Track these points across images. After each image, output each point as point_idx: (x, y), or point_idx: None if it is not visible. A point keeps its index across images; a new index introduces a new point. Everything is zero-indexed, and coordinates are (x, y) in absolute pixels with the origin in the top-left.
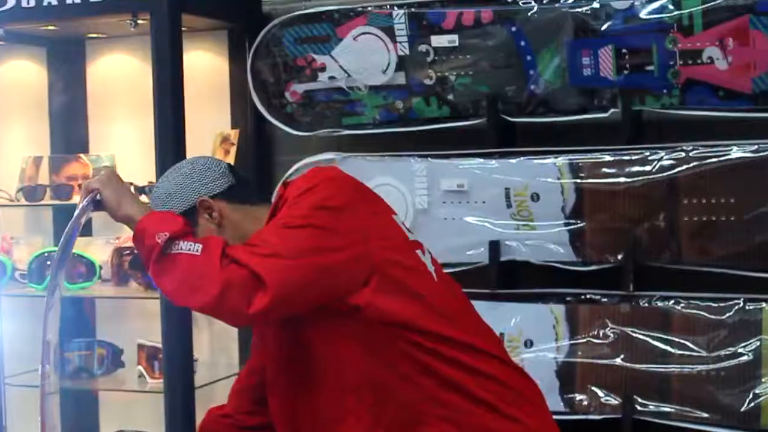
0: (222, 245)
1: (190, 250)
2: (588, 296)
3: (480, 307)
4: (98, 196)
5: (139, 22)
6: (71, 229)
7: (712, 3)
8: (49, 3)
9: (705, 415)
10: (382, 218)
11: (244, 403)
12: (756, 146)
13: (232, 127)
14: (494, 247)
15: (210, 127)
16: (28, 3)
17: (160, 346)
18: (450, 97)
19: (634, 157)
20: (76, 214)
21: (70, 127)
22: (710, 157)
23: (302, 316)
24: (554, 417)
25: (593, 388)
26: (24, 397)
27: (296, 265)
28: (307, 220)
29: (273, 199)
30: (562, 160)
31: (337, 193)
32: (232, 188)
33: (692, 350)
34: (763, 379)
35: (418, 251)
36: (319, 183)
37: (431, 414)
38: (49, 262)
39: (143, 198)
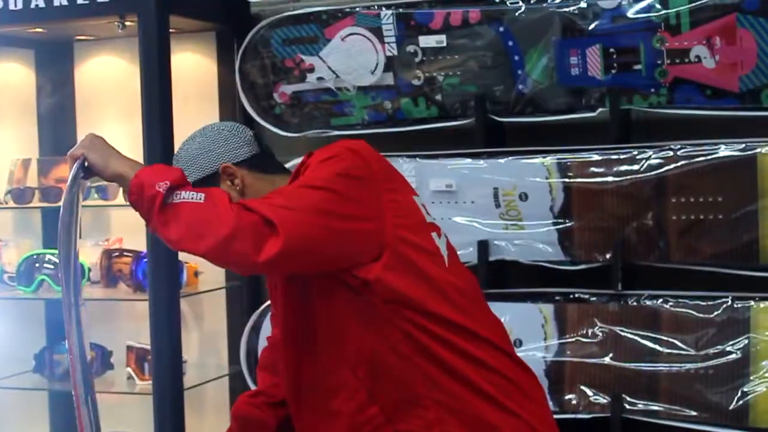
0: (226, 195)
1: (193, 198)
2: (577, 295)
3: None
4: (85, 163)
5: (127, 24)
6: (68, 202)
7: (699, 2)
8: (37, 5)
9: (694, 413)
10: (401, 195)
11: (269, 377)
12: (743, 145)
13: None
14: (483, 247)
15: (198, 128)
16: (15, 5)
17: (149, 347)
18: (438, 97)
19: (622, 157)
20: (68, 185)
21: (58, 130)
22: (698, 156)
23: (309, 287)
24: None
25: (582, 387)
26: (15, 400)
27: (309, 221)
28: (327, 183)
29: (295, 167)
30: (550, 160)
31: (360, 164)
32: (256, 157)
33: (681, 349)
34: (751, 377)
35: (434, 234)
36: (344, 152)
37: (428, 397)
38: (37, 264)
39: None
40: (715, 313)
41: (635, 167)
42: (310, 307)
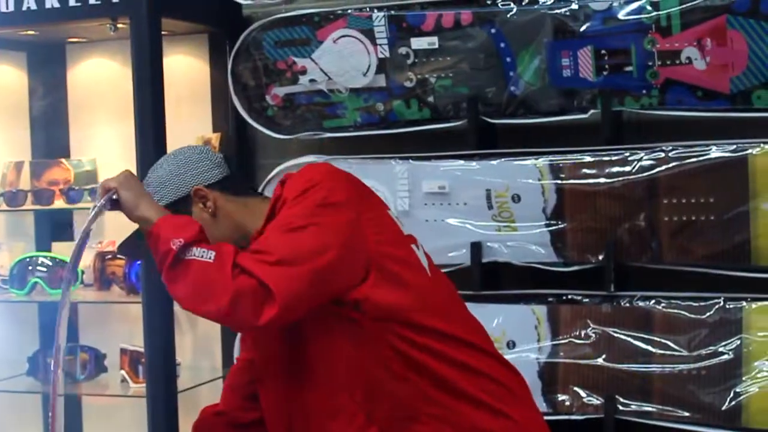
0: (234, 253)
1: (203, 257)
2: (569, 297)
3: None
4: (115, 196)
5: (119, 26)
6: (87, 230)
7: (690, 3)
8: (29, 8)
9: (686, 414)
10: (377, 211)
11: (236, 400)
12: (735, 146)
13: (214, 131)
14: (476, 248)
15: (191, 130)
16: (7, 8)
17: (142, 350)
18: (430, 99)
19: (613, 158)
20: (92, 212)
21: (51, 132)
22: (689, 157)
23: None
24: None
25: (575, 389)
26: (8, 403)
27: (302, 271)
28: (308, 219)
29: (271, 196)
30: (542, 161)
31: (336, 189)
32: (227, 179)
33: (673, 350)
34: (743, 378)
35: (413, 245)
36: (318, 181)
37: (424, 412)
38: (30, 267)
39: None
40: (708, 313)
41: (627, 168)
42: (298, 333)
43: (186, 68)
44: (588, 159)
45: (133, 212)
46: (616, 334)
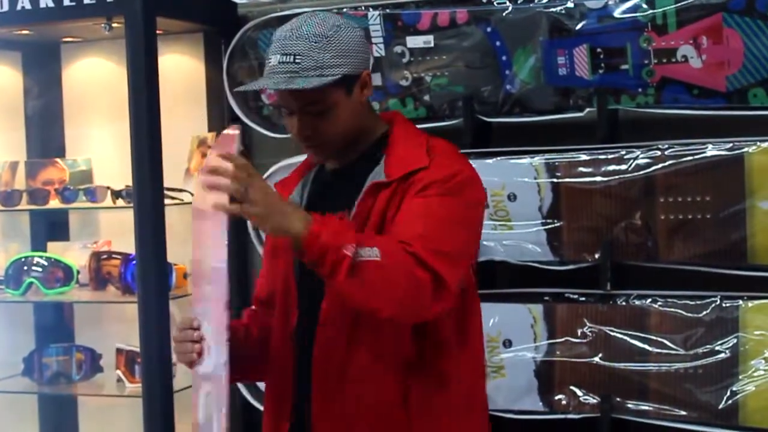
0: (398, 246)
1: (371, 256)
2: (566, 296)
3: None
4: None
5: (114, 25)
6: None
7: (686, 2)
8: (23, 7)
9: (683, 412)
10: None
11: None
12: (731, 144)
13: (209, 130)
14: None
15: (187, 130)
16: (1, 7)
17: (138, 350)
18: (426, 97)
19: (610, 156)
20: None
21: (46, 132)
22: (686, 156)
23: None
24: (533, 417)
25: (572, 388)
26: (4, 403)
27: (464, 266)
28: (466, 215)
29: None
30: (538, 160)
31: (480, 187)
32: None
33: (670, 348)
34: (740, 377)
35: None
36: (468, 174)
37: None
38: (26, 267)
39: (119, 201)
40: (704, 312)
41: (623, 167)
42: None
43: (181, 67)
44: (584, 157)
45: (280, 232)
46: (612, 333)
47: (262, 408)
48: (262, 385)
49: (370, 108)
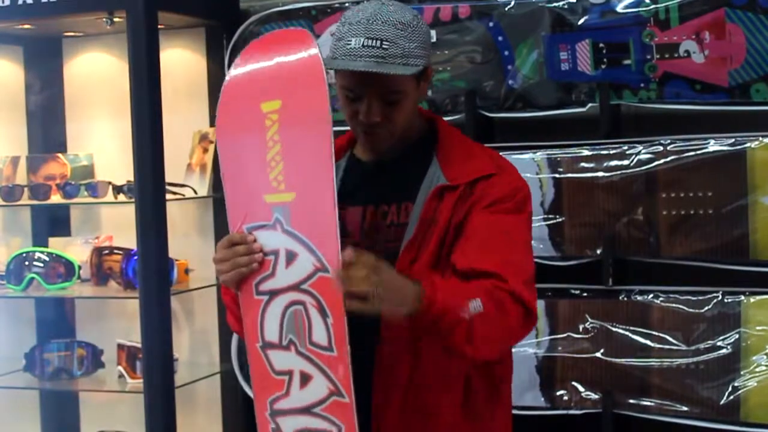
0: (493, 287)
1: (477, 309)
2: (567, 291)
3: None
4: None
5: (115, 20)
6: None
7: None
8: (25, 2)
9: (685, 408)
10: None
11: None
12: (733, 139)
13: (211, 125)
14: None
15: (188, 124)
16: (3, 2)
17: (140, 346)
18: (428, 92)
19: (612, 152)
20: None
21: (47, 127)
22: (688, 151)
23: None
24: (535, 413)
25: (574, 383)
26: (6, 399)
27: (535, 288)
28: (528, 236)
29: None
30: (540, 155)
31: (531, 219)
32: None
33: (671, 344)
34: (742, 372)
35: None
36: (526, 192)
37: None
38: (27, 263)
39: (121, 197)
40: (706, 308)
41: (625, 162)
42: None
43: (183, 62)
44: (586, 153)
45: (400, 311)
46: (614, 329)
47: None
48: None
49: (416, 112)
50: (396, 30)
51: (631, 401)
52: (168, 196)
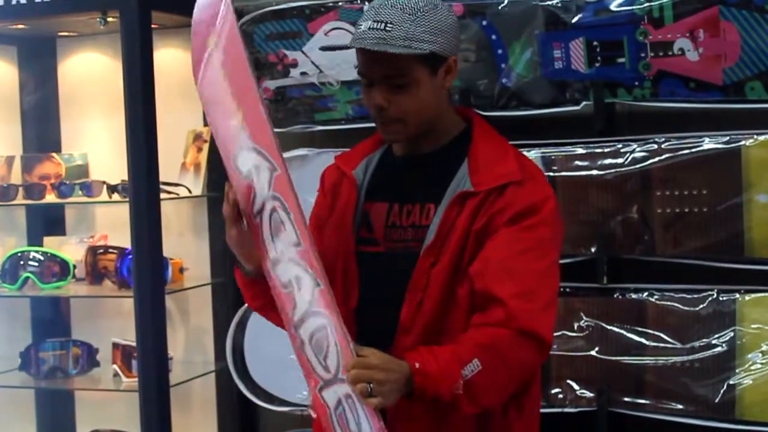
0: (494, 331)
1: (474, 370)
2: (562, 289)
3: None
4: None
5: (109, 19)
6: None
7: None
8: (18, 1)
9: (680, 406)
10: None
11: None
12: (727, 137)
13: (205, 125)
14: None
15: (182, 124)
16: None
17: (135, 344)
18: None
19: (606, 150)
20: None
21: (42, 126)
22: (682, 149)
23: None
24: None
25: (569, 381)
26: (1, 398)
27: (556, 306)
28: (553, 256)
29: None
30: (534, 154)
31: (560, 227)
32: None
33: (666, 342)
34: (737, 370)
35: None
36: (552, 205)
37: None
38: (22, 262)
39: (115, 196)
40: (701, 306)
41: (620, 160)
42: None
43: (176, 61)
44: (580, 151)
45: (397, 396)
46: (609, 327)
47: (258, 402)
48: (258, 379)
49: (450, 98)
50: (403, 14)
51: (626, 399)
52: (162, 196)
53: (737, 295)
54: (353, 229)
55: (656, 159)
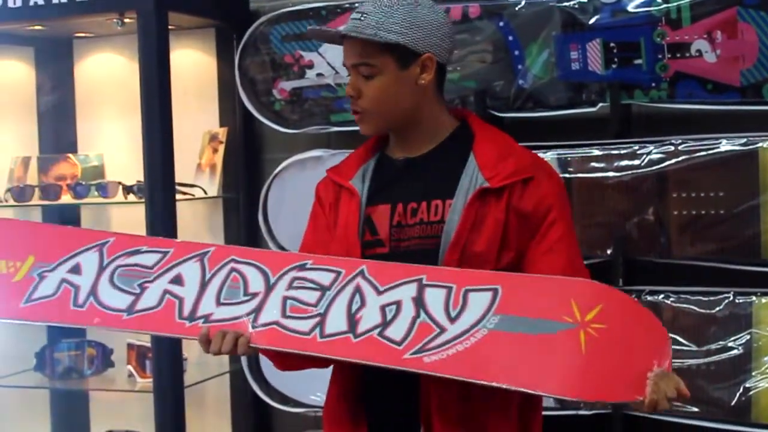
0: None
1: None
2: None
3: None
4: None
5: (126, 21)
6: None
7: None
8: (36, 3)
9: (695, 409)
10: None
11: None
12: (745, 139)
13: (221, 126)
14: None
15: (198, 125)
16: (14, 3)
17: (149, 345)
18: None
19: (622, 151)
20: None
21: (58, 127)
22: (699, 151)
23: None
24: (545, 413)
25: None
26: (16, 398)
27: None
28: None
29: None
30: (550, 155)
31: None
32: (443, 68)
33: (682, 344)
34: (753, 373)
35: None
36: (563, 184)
37: None
38: None
39: (131, 197)
40: (717, 308)
41: (636, 162)
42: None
43: (193, 63)
44: (597, 153)
45: None
46: None
47: (272, 403)
48: (272, 380)
49: (439, 100)
50: (381, 7)
51: None
52: (178, 197)
53: (753, 298)
54: (358, 236)
55: (673, 161)
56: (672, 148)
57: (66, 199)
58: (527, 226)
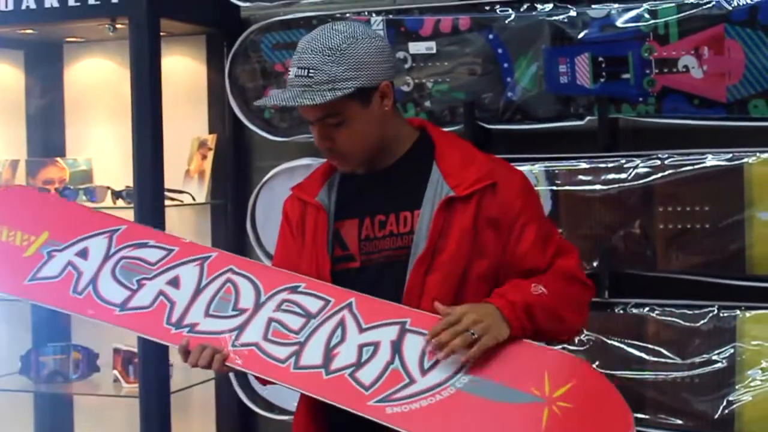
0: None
1: (539, 291)
2: None
3: None
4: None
5: (118, 26)
6: None
7: (688, 12)
8: (28, 7)
9: (679, 421)
10: None
11: None
12: (730, 154)
13: (210, 132)
14: None
15: (188, 131)
16: (6, 6)
17: (135, 350)
18: (427, 103)
19: (609, 165)
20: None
21: (47, 131)
22: (685, 165)
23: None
24: None
25: None
26: (0, 401)
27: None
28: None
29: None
30: (538, 168)
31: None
32: (393, 85)
33: (667, 357)
34: (737, 386)
35: None
36: (527, 178)
37: None
38: None
39: (119, 202)
40: (702, 322)
41: (623, 176)
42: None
43: (184, 69)
44: (584, 166)
45: (503, 334)
46: (609, 341)
47: (257, 410)
48: (258, 387)
49: (397, 115)
50: (323, 57)
51: None
52: (166, 202)
53: (738, 312)
54: (328, 251)
55: (659, 175)
56: (659, 162)
57: None
58: (499, 230)
